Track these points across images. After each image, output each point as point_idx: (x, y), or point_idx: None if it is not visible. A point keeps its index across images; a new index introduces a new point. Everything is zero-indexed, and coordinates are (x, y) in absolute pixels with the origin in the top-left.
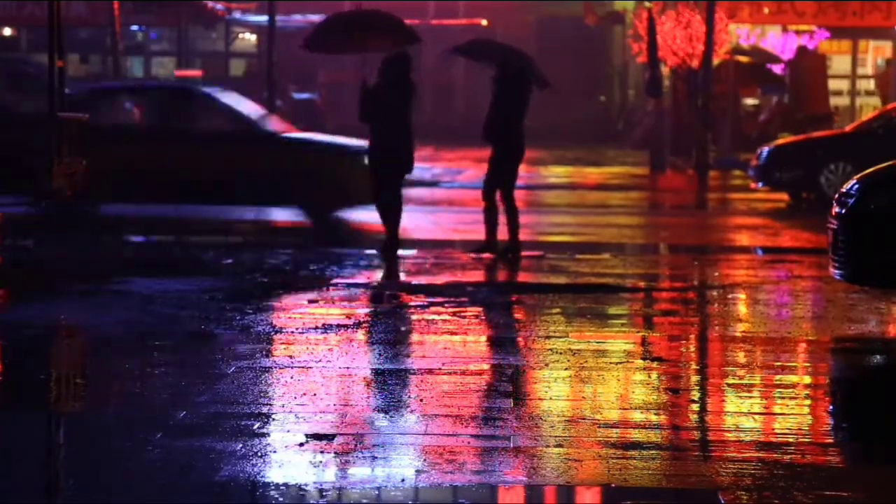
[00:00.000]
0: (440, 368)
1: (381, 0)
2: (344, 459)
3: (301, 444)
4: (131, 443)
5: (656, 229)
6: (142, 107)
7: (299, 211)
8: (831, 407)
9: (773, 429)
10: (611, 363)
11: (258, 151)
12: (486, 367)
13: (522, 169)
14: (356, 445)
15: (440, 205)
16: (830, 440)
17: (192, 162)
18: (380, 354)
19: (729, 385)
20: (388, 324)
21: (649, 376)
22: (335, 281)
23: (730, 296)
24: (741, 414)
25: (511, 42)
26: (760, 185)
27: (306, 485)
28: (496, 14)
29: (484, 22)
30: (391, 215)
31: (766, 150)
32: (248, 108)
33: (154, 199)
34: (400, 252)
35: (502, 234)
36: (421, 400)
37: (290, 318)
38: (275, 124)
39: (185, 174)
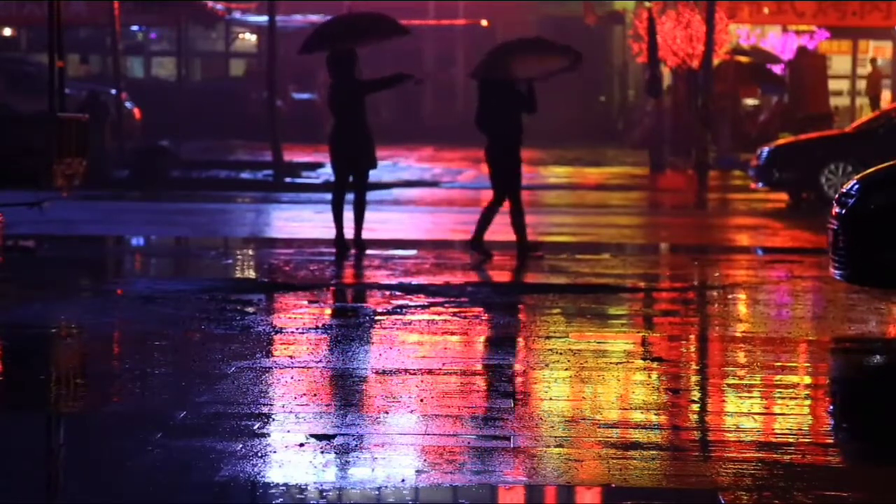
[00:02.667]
0: (440, 368)
1: (381, 0)
2: (344, 459)
3: (301, 445)
4: (131, 443)
5: (656, 229)
6: None
7: None
8: (831, 407)
9: (774, 429)
10: (611, 363)
11: None
12: (486, 367)
13: (523, 168)
14: (356, 445)
15: (440, 205)
16: (830, 440)
17: None
18: (380, 354)
19: (729, 385)
20: (389, 323)
21: (649, 376)
22: (334, 281)
23: (730, 296)
24: (741, 414)
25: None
26: (760, 185)
27: (306, 485)
28: (496, 14)
29: (484, 22)
30: (355, 214)
31: (766, 150)
32: None
33: None
34: (399, 252)
35: (494, 234)
36: (421, 400)
37: (289, 317)
38: None
39: None
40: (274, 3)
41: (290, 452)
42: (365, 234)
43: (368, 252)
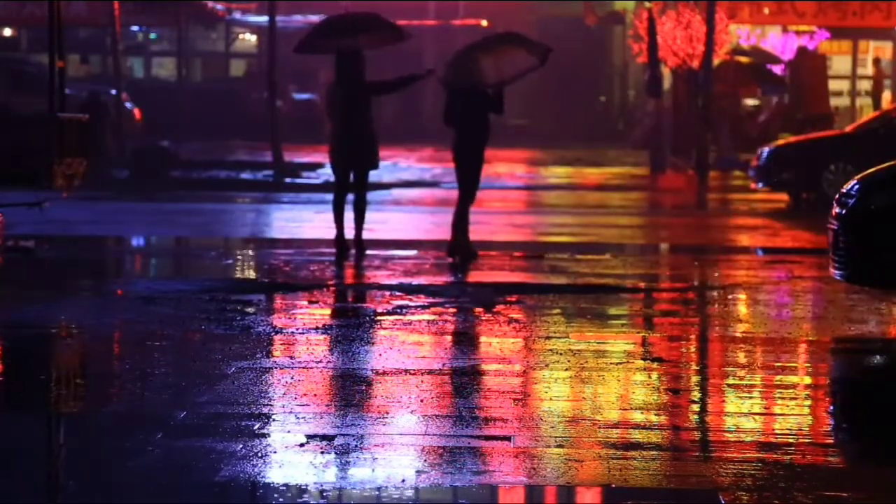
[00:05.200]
0: (440, 368)
1: (381, 0)
2: (344, 460)
3: (301, 445)
4: (131, 443)
5: (656, 230)
6: None
7: None
8: (831, 407)
9: (774, 429)
10: (611, 363)
11: None
12: (486, 367)
13: (523, 169)
14: (356, 445)
15: (440, 205)
16: (830, 440)
17: None
18: (380, 354)
19: (729, 385)
20: (389, 324)
21: (649, 377)
22: (334, 281)
23: (730, 296)
24: (741, 414)
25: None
26: (761, 185)
27: (307, 485)
28: (496, 14)
29: (484, 22)
30: (356, 214)
31: (766, 150)
32: None
33: None
34: (399, 253)
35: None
36: (421, 400)
37: (289, 318)
38: None
39: None
40: (274, 3)
41: (290, 452)
42: (365, 234)
43: (368, 252)
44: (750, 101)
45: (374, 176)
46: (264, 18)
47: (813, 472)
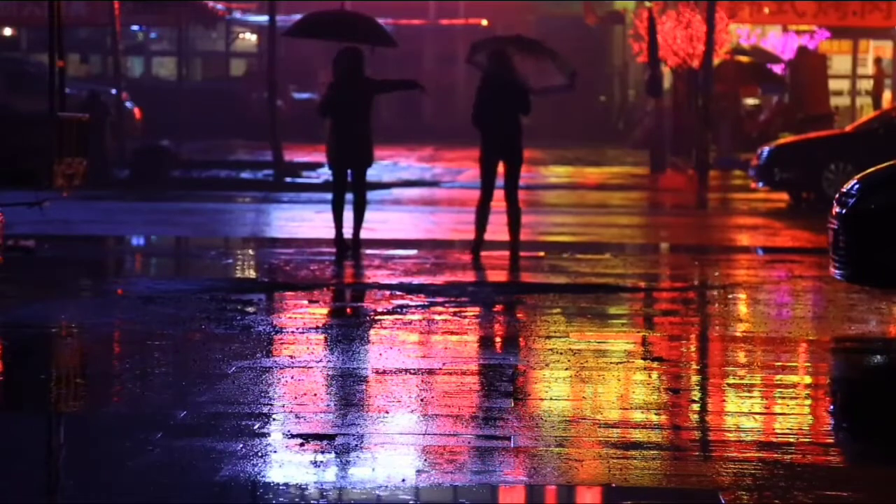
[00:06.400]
0: (440, 368)
1: (382, 0)
2: (344, 459)
3: (301, 444)
4: (131, 443)
5: (656, 229)
6: None
7: None
8: (831, 407)
9: (774, 429)
10: (611, 363)
11: None
12: (486, 367)
13: (523, 168)
14: (356, 445)
15: (440, 205)
16: (830, 440)
17: None
18: (380, 354)
19: (729, 385)
20: (389, 323)
21: (650, 376)
22: (334, 281)
23: (730, 296)
24: (742, 414)
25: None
26: (761, 185)
27: (307, 485)
28: (496, 14)
29: (484, 22)
30: (355, 213)
31: (766, 150)
32: None
33: None
34: (399, 252)
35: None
36: (421, 400)
37: (289, 317)
38: None
39: None
40: (274, 3)
41: (290, 452)
42: (365, 234)
43: (368, 252)
44: (750, 101)
45: (374, 176)
46: (264, 18)
47: (813, 472)
